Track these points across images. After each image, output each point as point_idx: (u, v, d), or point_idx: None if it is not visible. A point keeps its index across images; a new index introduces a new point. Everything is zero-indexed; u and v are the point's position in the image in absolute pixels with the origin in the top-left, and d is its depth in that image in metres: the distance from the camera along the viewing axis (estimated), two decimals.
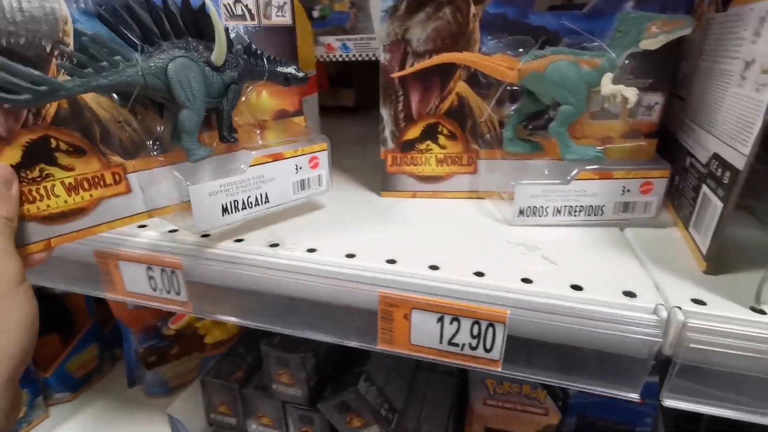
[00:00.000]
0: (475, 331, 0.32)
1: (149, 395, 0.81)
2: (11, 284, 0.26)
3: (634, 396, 0.31)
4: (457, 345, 0.33)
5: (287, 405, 0.55)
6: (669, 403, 0.30)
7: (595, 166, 0.39)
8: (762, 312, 0.28)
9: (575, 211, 0.40)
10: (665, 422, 0.65)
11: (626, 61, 0.39)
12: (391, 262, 0.34)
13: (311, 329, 0.37)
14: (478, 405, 0.61)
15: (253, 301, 0.38)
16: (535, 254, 0.36)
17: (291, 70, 0.37)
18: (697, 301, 0.29)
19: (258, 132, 0.40)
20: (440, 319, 0.32)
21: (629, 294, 0.30)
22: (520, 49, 0.40)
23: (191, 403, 0.61)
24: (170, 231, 0.39)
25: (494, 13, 0.40)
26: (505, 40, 0.40)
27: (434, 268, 0.33)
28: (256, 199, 0.38)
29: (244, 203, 0.37)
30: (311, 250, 0.36)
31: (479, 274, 0.32)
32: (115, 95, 0.32)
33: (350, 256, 0.35)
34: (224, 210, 0.35)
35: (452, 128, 0.44)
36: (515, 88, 0.41)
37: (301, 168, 0.40)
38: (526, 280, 0.32)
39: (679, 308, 0.28)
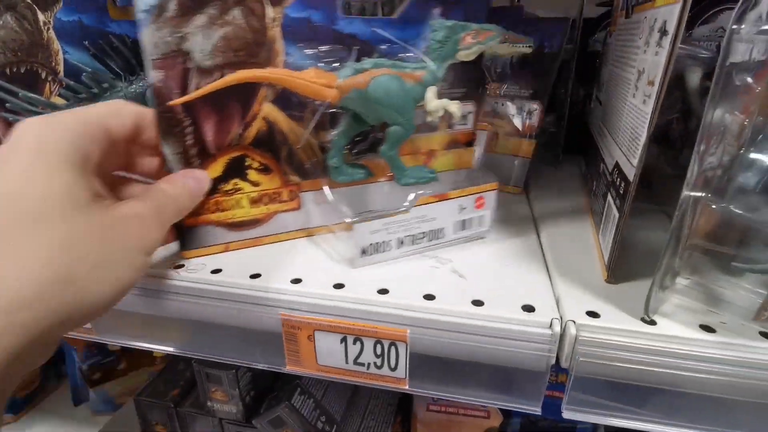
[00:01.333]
0: (379, 351, 0.31)
1: (95, 413, 0.79)
2: (140, 251, 0.26)
3: (536, 409, 0.31)
4: (363, 365, 0.32)
5: (224, 422, 0.54)
6: (569, 415, 0.30)
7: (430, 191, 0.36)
8: (652, 322, 0.29)
9: (418, 239, 0.37)
10: None
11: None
12: (296, 281, 0.33)
13: (221, 353, 0.36)
14: (422, 412, 0.61)
15: (162, 325, 0.36)
16: (445, 267, 0.35)
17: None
18: (592, 314, 0.29)
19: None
20: (343, 340, 0.31)
21: (528, 309, 0.30)
22: (335, 63, 0.34)
23: (124, 424, 0.59)
24: None
25: (296, 18, 0.33)
26: (314, 50, 0.34)
27: (339, 286, 0.32)
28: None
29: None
30: (216, 271, 0.34)
31: (383, 291, 0.32)
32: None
33: (255, 276, 0.34)
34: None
35: (264, 160, 0.36)
36: (335, 110, 0.35)
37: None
38: (428, 297, 0.31)
39: (573, 322, 0.28)
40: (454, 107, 0.35)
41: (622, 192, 0.31)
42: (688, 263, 0.30)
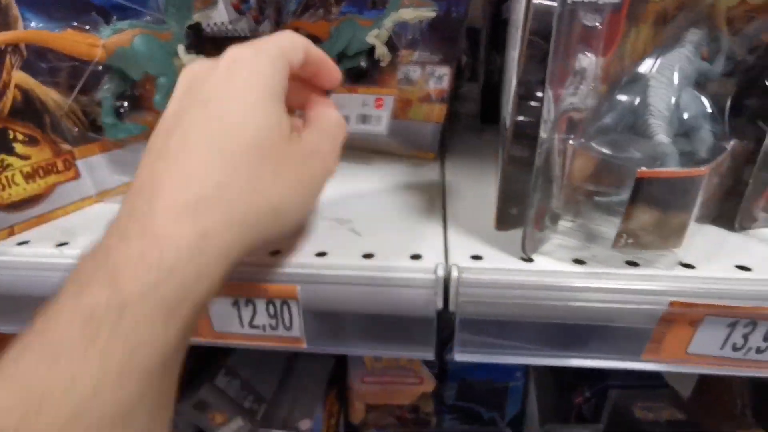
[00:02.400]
0: (272, 311, 0.31)
1: None
2: (321, 183, 0.29)
3: (429, 356, 0.31)
4: (258, 327, 0.32)
5: None
6: (460, 357, 0.31)
7: None
8: (530, 260, 0.30)
9: None
10: (535, 374, 0.69)
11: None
12: None
13: None
14: (357, 383, 0.61)
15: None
16: (343, 227, 0.35)
17: None
18: (476, 257, 0.30)
19: None
20: (235, 303, 0.31)
21: (416, 257, 0.31)
22: (86, 27, 0.35)
23: None
24: None
25: None
26: (54, 18, 0.34)
27: None
28: None
29: None
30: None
31: (274, 252, 0.32)
32: None
33: None
34: None
35: (27, 131, 0.35)
36: (99, 68, 0.36)
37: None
38: (321, 254, 0.31)
39: (457, 266, 0.29)
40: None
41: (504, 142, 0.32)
42: (568, 205, 0.31)
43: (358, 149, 0.50)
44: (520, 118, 0.29)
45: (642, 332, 0.29)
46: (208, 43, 0.51)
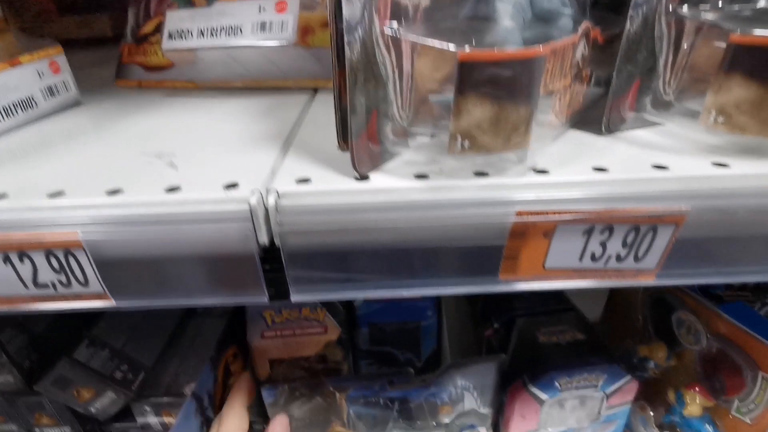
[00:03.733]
0: (56, 265, 0.25)
1: None
2: None
3: (263, 299, 0.27)
4: (47, 286, 0.26)
5: (7, 395, 0.46)
6: (297, 298, 0.27)
7: None
8: (365, 179, 0.25)
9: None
10: (447, 311, 0.68)
11: None
12: None
13: None
14: (257, 340, 0.57)
15: None
16: (161, 161, 0.29)
17: None
18: (304, 180, 0.25)
19: None
20: (6, 260, 0.25)
21: (232, 186, 0.25)
22: None
23: None
24: None
25: None
26: None
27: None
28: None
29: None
30: None
31: (54, 194, 0.25)
32: None
33: None
34: None
35: None
36: None
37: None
38: (113, 192, 0.25)
39: (276, 192, 0.24)
40: None
41: None
42: (419, 117, 0.27)
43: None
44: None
45: (494, 250, 0.25)
46: None
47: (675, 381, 0.53)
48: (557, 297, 0.62)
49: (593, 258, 0.26)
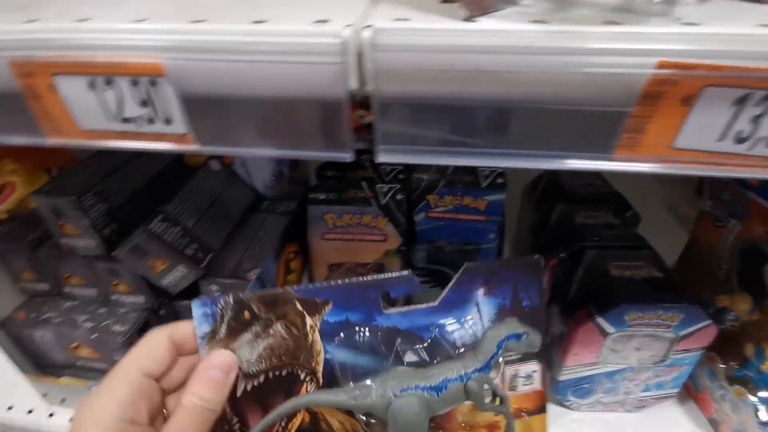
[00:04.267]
0: (142, 95, 0.24)
1: None
2: None
3: (347, 156, 0.25)
4: (132, 120, 0.25)
5: (87, 259, 0.49)
6: (384, 158, 0.25)
7: None
8: (472, 20, 0.22)
9: None
10: (509, 236, 0.65)
11: None
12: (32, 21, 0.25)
13: None
14: (317, 240, 0.57)
15: None
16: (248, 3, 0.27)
17: None
18: (402, 20, 0.22)
19: None
20: (92, 86, 0.24)
21: (322, 21, 0.23)
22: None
23: None
24: None
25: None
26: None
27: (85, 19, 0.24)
28: None
29: None
30: None
31: (139, 20, 0.24)
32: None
33: None
34: None
35: None
36: None
37: None
38: (197, 21, 0.23)
39: (373, 27, 0.21)
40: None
41: None
42: None
43: None
44: None
45: (615, 117, 0.22)
46: None
47: (756, 335, 0.48)
48: (632, 234, 0.57)
49: (738, 139, 0.22)
